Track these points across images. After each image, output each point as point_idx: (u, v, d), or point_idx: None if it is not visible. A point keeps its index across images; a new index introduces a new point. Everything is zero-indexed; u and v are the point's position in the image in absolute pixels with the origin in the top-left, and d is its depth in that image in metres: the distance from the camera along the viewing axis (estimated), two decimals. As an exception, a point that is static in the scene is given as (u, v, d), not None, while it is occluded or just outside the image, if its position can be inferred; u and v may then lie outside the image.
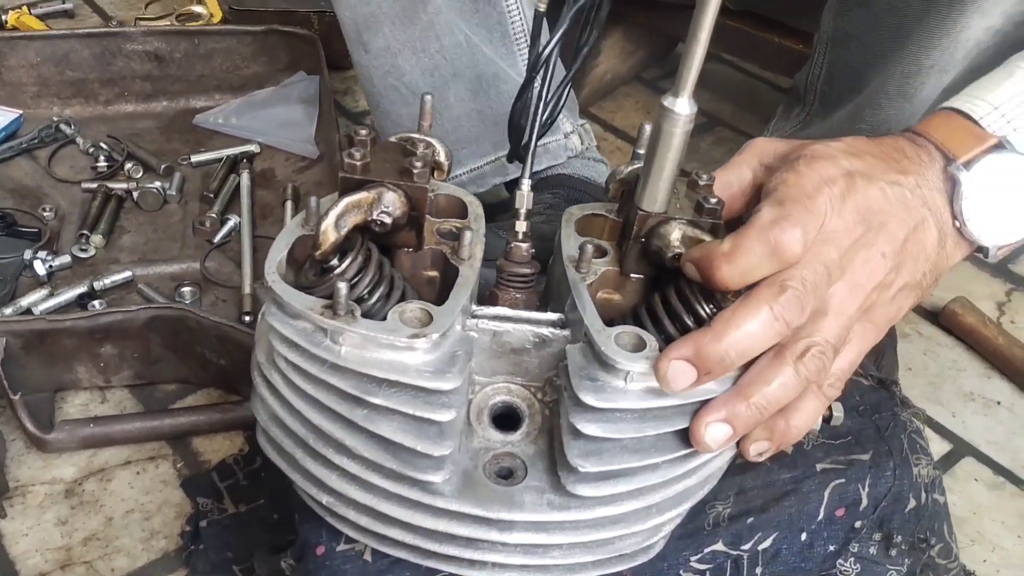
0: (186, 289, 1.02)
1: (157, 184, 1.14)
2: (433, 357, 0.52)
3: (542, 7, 0.62)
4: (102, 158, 1.18)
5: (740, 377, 0.54)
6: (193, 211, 1.13)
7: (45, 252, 1.03)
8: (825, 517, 0.62)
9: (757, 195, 0.60)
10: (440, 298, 0.57)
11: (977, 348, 1.06)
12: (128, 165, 1.17)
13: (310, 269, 0.57)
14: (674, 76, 0.52)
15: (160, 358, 0.91)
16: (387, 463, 0.52)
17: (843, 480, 0.63)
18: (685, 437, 0.54)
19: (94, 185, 1.14)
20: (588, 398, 0.51)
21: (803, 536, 0.62)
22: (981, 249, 0.62)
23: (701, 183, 0.59)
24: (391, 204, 0.57)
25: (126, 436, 0.87)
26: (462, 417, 0.54)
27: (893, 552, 0.64)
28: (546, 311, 0.59)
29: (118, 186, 1.14)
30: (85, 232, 1.07)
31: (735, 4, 1.18)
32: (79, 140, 1.21)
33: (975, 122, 0.61)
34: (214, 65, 1.30)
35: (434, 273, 0.63)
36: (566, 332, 0.57)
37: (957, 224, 0.60)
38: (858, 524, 0.63)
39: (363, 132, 0.58)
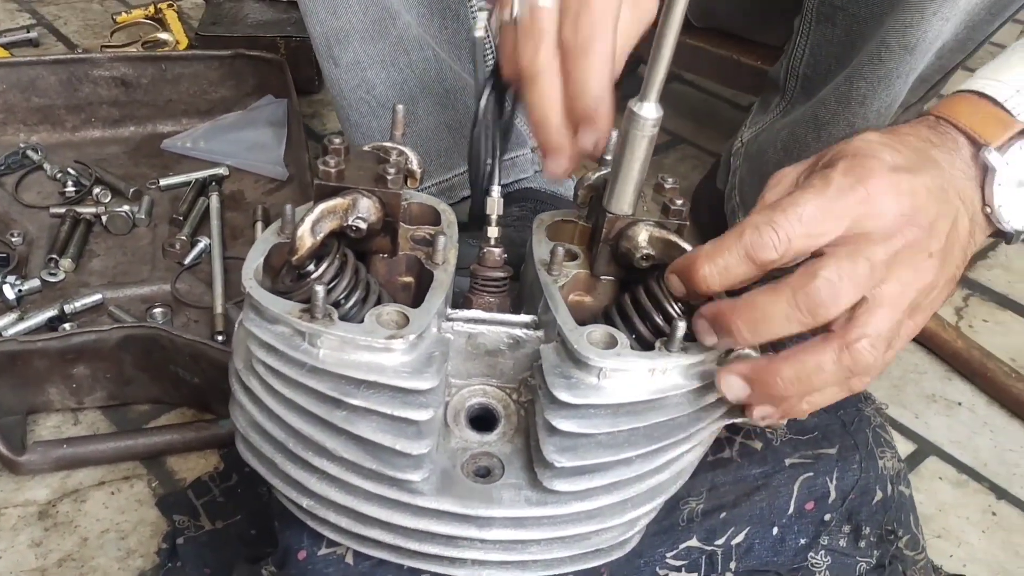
0: (157, 311, 1.02)
1: (126, 208, 1.14)
2: (410, 358, 0.53)
3: (478, 33, 0.64)
4: (70, 183, 1.18)
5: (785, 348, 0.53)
6: (163, 234, 1.13)
7: (14, 276, 1.03)
8: (795, 511, 0.64)
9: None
10: (415, 303, 0.58)
11: (937, 352, 1.09)
12: (96, 190, 1.17)
13: (287, 275, 0.58)
14: (636, 94, 0.54)
15: (133, 378, 0.91)
16: (367, 463, 0.53)
17: (811, 474, 0.64)
18: (657, 432, 0.55)
19: (62, 210, 1.14)
20: (563, 395, 0.53)
21: (775, 530, 0.64)
22: (1003, 234, 0.62)
23: (667, 186, 0.61)
24: (366, 210, 0.58)
25: (100, 456, 0.86)
26: (439, 417, 0.55)
27: (862, 544, 0.66)
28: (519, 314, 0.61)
29: (86, 210, 1.14)
30: (54, 256, 1.07)
31: (699, 21, 1.21)
32: (46, 166, 1.21)
33: (1000, 105, 0.60)
34: (181, 90, 1.31)
35: (409, 279, 0.64)
36: (539, 333, 0.58)
37: (988, 210, 0.60)
38: (827, 517, 0.65)
39: (337, 140, 0.60)
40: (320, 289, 0.52)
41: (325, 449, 0.54)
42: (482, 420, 0.59)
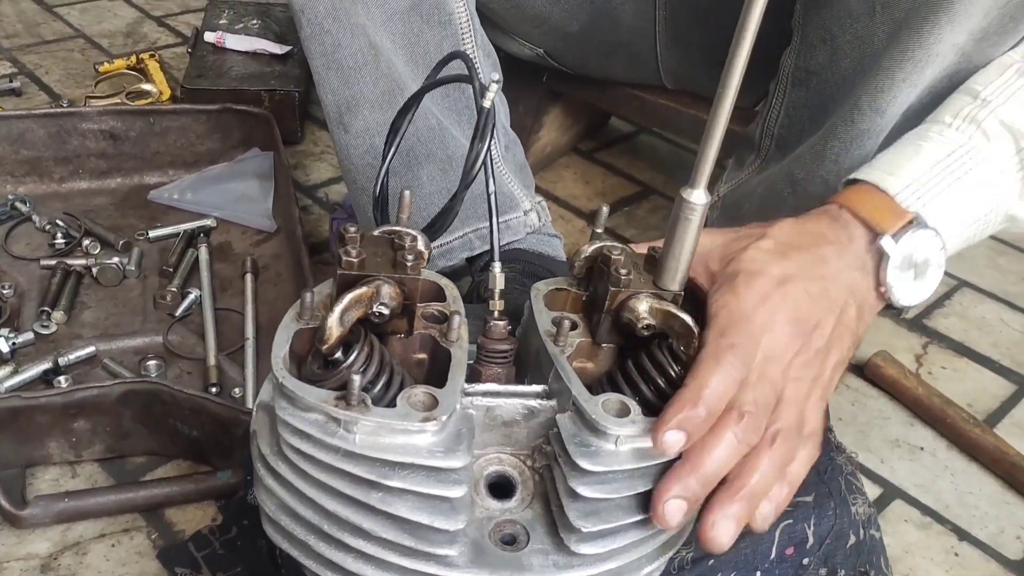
0: (151, 363, 1.04)
1: (116, 260, 1.16)
2: (441, 438, 0.56)
3: (487, 104, 0.66)
4: (59, 235, 1.20)
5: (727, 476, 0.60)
6: (153, 285, 1.16)
7: (7, 329, 1.05)
8: (776, 556, 0.69)
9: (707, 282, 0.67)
10: (429, 378, 0.61)
11: (900, 398, 1.15)
12: (86, 242, 1.19)
13: (313, 362, 0.60)
14: (609, 147, 0.59)
15: (131, 431, 0.93)
16: (404, 541, 0.55)
17: (791, 521, 0.69)
18: None
19: (52, 262, 1.16)
20: (584, 463, 0.56)
21: (758, 575, 0.68)
22: (894, 308, 0.70)
23: (658, 257, 0.66)
24: (387, 296, 0.60)
25: (100, 509, 0.88)
26: (469, 493, 0.58)
27: (838, 585, 0.71)
28: (524, 382, 0.64)
29: (76, 262, 1.16)
30: (46, 309, 1.08)
31: (672, 84, 1.27)
32: (35, 217, 1.23)
33: (891, 198, 0.70)
34: (168, 142, 1.34)
35: (423, 356, 0.66)
36: (552, 402, 0.62)
37: (882, 289, 0.68)
38: (806, 561, 0.69)
39: (352, 230, 0.61)
40: (357, 379, 0.54)
41: (361, 530, 0.56)
42: (499, 487, 0.62)
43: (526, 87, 1.41)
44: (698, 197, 0.58)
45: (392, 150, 0.69)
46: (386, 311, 0.60)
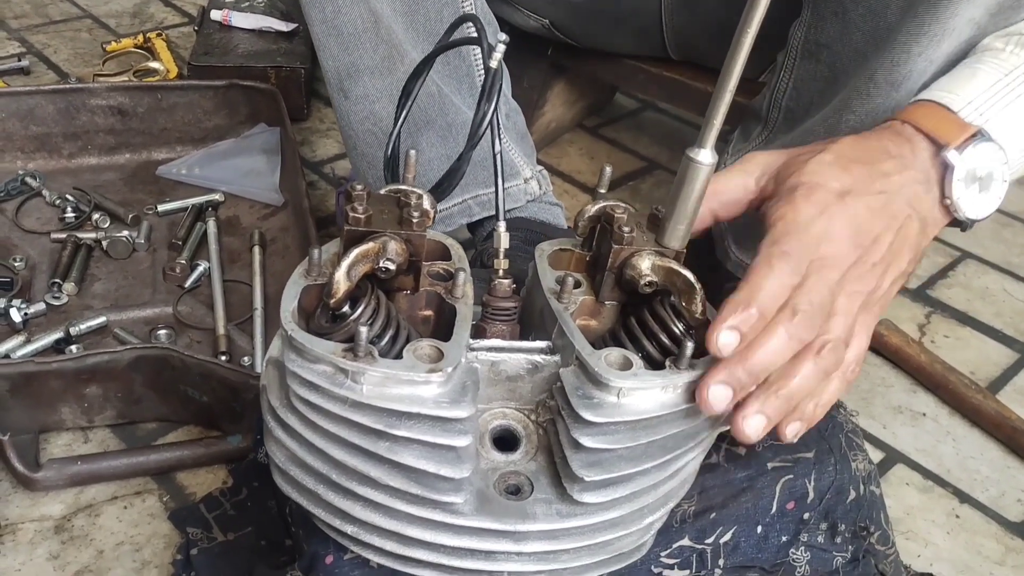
0: (161, 332, 1.06)
1: (125, 233, 1.18)
2: (447, 389, 0.57)
3: (493, 64, 0.67)
4: (69, 209, 1.21)
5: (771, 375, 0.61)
6: (162, 258, 1.17)
7: (19, 300, 1.06)
8: (778, 510, 0.70)
9: (757, 204, 0.69)
10: (435, 334, 0.62)
11: (903, 366, 1.16)
12: (95, 215, 1.21)
13: (321, 316, 0.61)
14: (614, 123, 0.60)
15: (142, 397, 0.94)
16: (410, 489, 0.57)
17: (792, 476, 0.70)
18: (670, 443, 0.60)
19: (63, 235, 1.17)
20: (587, 415, 0.57)
21: (759, 529, 0.69)
22: (959, 223, 0.71)
23: (661, 216, 0.67)
24: (394, 252, 0.61)
25: (113, 473, 0.90)
26: (475, 443, 0.59)
27: (838, 540, 0.72)
28: (528, 340, 0.66)
29: (87, 236, 1.17)
30: (57, 280, 1.10)
31: (677, 55, 1.28)
32: (45, 192, 1.25)
33: (954, 113, 0.70)
34: (176, 118, 1.35)
35: (428, 312, 0.68)
36: (556, 358, 0.63)
37: (947, 203, 0.69)
38: (806, 516, 0.70)
39: (359, 187, 0.62)
40: (364, 330, 0.55)
41: (369, 478, 0.57)
42: (504, 441, 0.63)
43: (531, 61, 1.41)
44: (705, 156, 0.59)
45: (404, 112, 0.70)
46: (392, 266, 0.62)
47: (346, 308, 0.60)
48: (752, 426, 0.60)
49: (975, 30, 0.79)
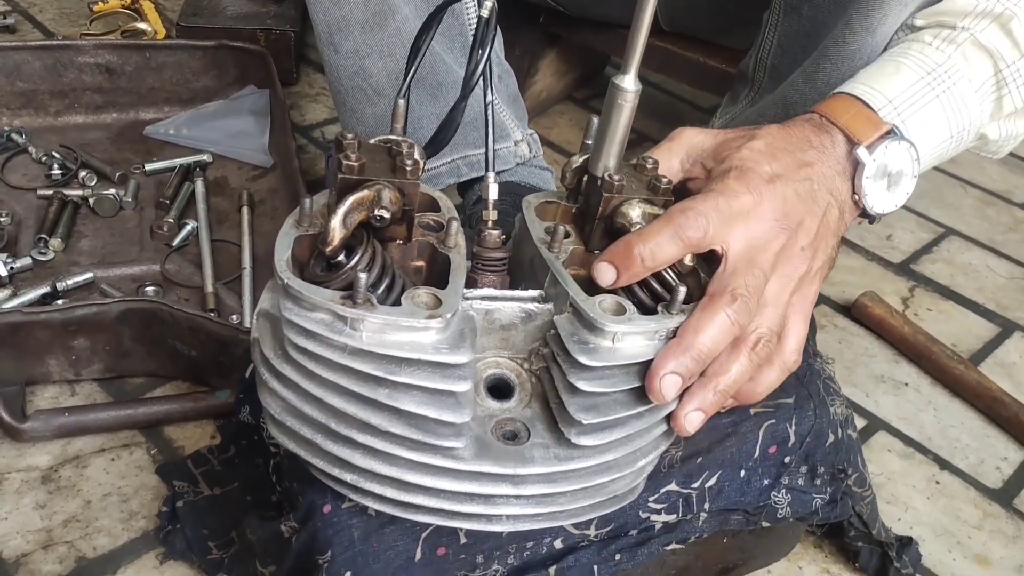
0: (149, 288, 1.05)
1: (112, 191, 1.17)
2: (445, 335, 0.57)
3: (484, 13, 0.66)
4: (55, 166, 1.20)
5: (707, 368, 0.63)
6: (149, 217, 1.16)
7: (5, 255, 1.06)
8: (760, 454, 0.71)
9: (680, 184, 0.70)
10: (428, 284, 0.62)
11: (886, 337, 1.17)
12: (82, 173, 1.20)
13: (316, 265, 0.61)
14: (603, 95, 0.62)
15: (130, 351, 0.94)
16: (411, 435, 0.57)
17: (773, 421, 0.71)
18: None
19: (49, 192, 1.16)
20: (583, 359, 0.58)
21: (742, 473, 0.71)
22: (867, 216, 0.73)
23: (648, 166, 0.68)
24: (388, 200, 0.61)
25: (100, 425, 0.90)
26: (473, 389, 0.59)
27: (817, 482, 0.74)
28: (520, 289, 0.66)
29: (73, 193, 1.17)
30: (43, 236, 1.09)
31: (668, 26, 1.28)
32: (31, 149, 1.23)
33: (873, 110, 0.72)
34: (164, 78, 1.34)
35: (421, 263, 0.68)
36: (549, 306, 0.63)
37: (856, 197, 0.71)
38: (787, 459, 0.72)
39: (350, 136, 0.62)
40: (363, 277, 0.55)
41: (369, 425, 0.57)
42: (498, 389, 0.63)
43: (523, 29, 1.41)
44: (629, 83, 0.61)
45: (413, 69, 0.69)
46: (387, 215, 0.61)
47: (342, 257, 0.60)
48: (691, 421, 0.63)
49: None
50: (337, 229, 0.59)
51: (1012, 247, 1.40)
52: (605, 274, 0.62)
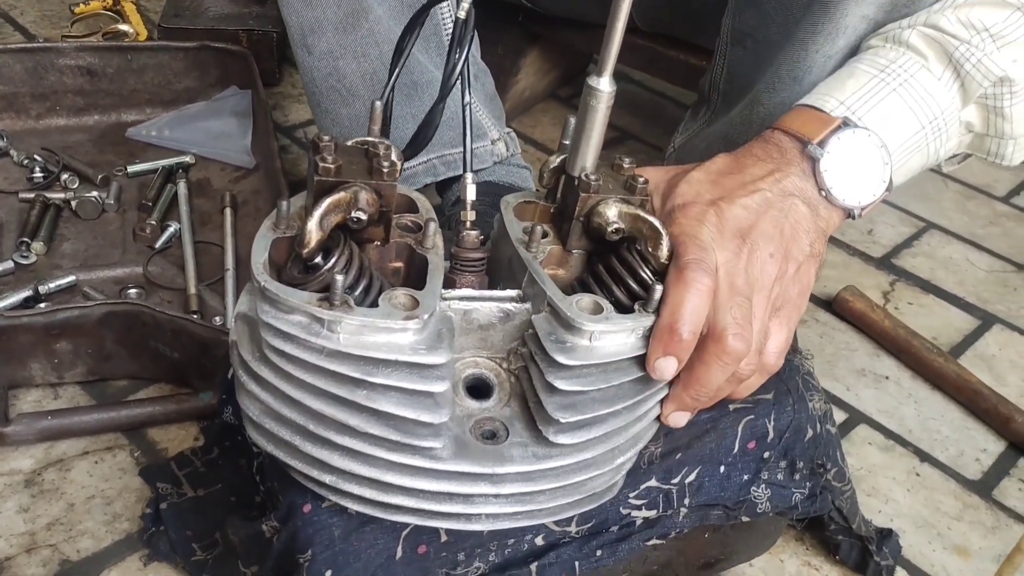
0: (132, 291, 1.05)
1: (95, 193, 1.17)
2: (423, 336, 0.58)
3: (461, 14, 0.67)
4: (37, 169, 1.20)
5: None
6: (132, 219, 1.16)
7: (-14, 259, 1.05)
8: (739, 450, 0.72)
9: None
10: (406, 285, 0.62)
11: (867, 331, 1.18)
12: (64, 176, 1.20)
13: (293, 267, 0.61)
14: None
15: (113, 354, 0.94)
16: (390, 436, 0.57)
17: (752, 416, 0.72)
18: (640, 384, 0.62)
19: (31, 195, 1.16)
20: (560, 358, 0.59)
21: (722, 468, 0.72)
22: (851, 213, 0.73)
23: (625, 166, 0.68)
24: (365, 202, 0.61)
25: (83, 428, 0.90)
26: (451, 389, 0.60)
27: (797, 477, 0.74)
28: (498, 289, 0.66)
29: (55, 196, 1.16)
30: (25, 240, 1.09)
31: (645, 26, 1.29)
32: (12, 152, 1.23)
33: (825, 112, 0.73)
34: (146, 80, 1.33)
35: (399, 264, 0.68)
36: (527, 305, 0.64)
37: (823, 194, 0.71)
38: (767, 454, 0.73)
39: (326, 138, 0.62)
40: (340, 279, 0.55)
41: (348, 427, 0.58)
42: (477, 389, 0.64)
43: (505, 27, 1.41)
44: (604, 84, 0.62)
45: (397, 71, 0.70)
46: (364, 216, 0.61)
47: (319, 259, 0.60)
48: (675, 420, 0.66)
49: (870, 27, 0.82)
50: (313, 231, 0.59)
51: (992, 241, 1.41)
52: (667, 369, 0.62)
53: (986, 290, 1.30)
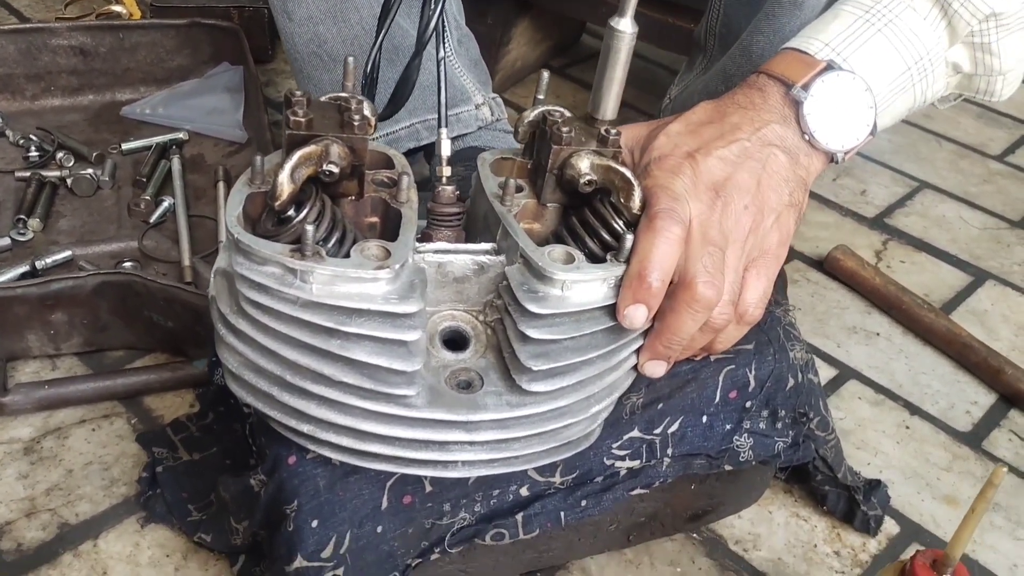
0: (128, 264, 1.06)
1: (90, 171, 1.18)
2: (395, 286, 0.58)
3: None
4: (33, 149, 1.22)
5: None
6: (127, 195, 1.18)
7: (-17, 236, 1.07)
8: (721, 400, 0.72)
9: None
10: (381, 239, 0.63)
11: (858, 289, 1.18)
12: (60, 154, 1.21)
13: (267, 220, 0.62)
14: (580, 63, 0.62)
15: (108, 324, 0.96)
16: (364, 384, 0.58)
17: (733, 366, 0.73)
18: (613, 333, 0.63)
19: (27, 174, 1.17)
20: (533, 307, 0.60)
21: (704, 418, 0.72)
22: (834, 158, 0.73)
23: (598, 118, 0.69)
24: (337, 156, 0.62)
25: (81, 396, 0.91)
26: (424, 338, 0.61)
27: (779, 426, 0.75)
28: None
29: (51, 174, 1.18)
30: (22, 217, 1.11)
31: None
32: (8, 132, 1.24)
33: (810, 55, 0.73)
34: (139, 58, 1.35)
35: (374, 219, 0.69)
36: (501, 258, 0.65)
37: (807, 138, 0.71)
38: (748, 404, 0.73)
39: (298, 93, 0.63)
40: (311, 229, 0.56)
41: (323, 376, 0.59)
42: (454, 342, 0.65)
43: (494, -2, 1.42)
44: (626, 25, 0.62)
45: (382, 34, 0.70)
46: (335, 169, 0.62)
47: (291, 211, 0.61)
48: (651, 370, 0.67)
49: None
50: (285, 183, 0.60)
51: (986, 198, 1.41)
52: (636, 317, 0.63)
53: (979, 247, 1.30)
